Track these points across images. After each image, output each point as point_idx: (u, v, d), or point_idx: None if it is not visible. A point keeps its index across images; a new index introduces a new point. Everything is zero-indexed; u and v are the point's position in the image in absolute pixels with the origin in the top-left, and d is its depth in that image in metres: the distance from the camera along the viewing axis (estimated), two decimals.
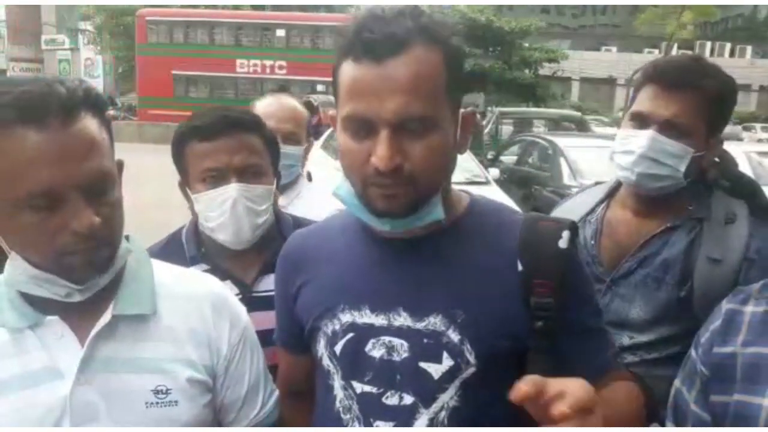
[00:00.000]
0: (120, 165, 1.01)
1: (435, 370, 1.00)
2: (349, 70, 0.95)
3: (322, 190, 1.99)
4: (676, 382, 1.07)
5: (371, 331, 1.03)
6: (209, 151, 1.41)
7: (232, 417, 1.13)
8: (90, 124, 0.91)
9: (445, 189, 1.05)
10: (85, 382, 0.95)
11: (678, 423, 1.05)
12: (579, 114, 16.07)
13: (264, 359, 1.19)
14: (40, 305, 0.96)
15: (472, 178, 7.25)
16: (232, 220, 1.43)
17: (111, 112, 20.75)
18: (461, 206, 1.09)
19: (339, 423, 1.06)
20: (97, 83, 28.43)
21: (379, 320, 1.03)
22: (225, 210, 1.42)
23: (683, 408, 1.03)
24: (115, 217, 0.96)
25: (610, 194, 1.64)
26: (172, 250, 1.44)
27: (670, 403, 1.08)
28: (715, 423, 0.96)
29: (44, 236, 0.89)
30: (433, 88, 0.93)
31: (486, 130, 12.89)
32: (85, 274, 0.94)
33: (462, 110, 1.02)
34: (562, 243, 1.01)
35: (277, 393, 1.21)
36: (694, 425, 1.00)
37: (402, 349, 1.01)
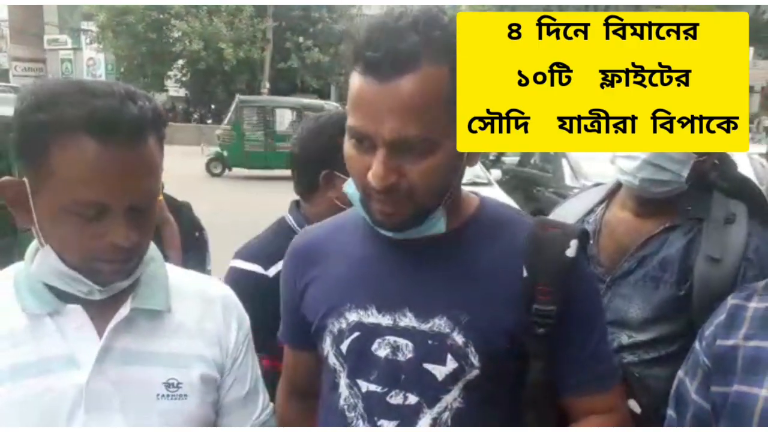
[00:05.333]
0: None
1: (439, 371, 1.00)
2: (355, 80, 0.93)
3: None
4: (680, 373, 1.11)
5: (377, 331, 1.03)
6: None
7: (230, 419, 1.11)
8: (152, 145, 0.93)
9: (454, 196, 1.03)
10: (100, 372, 0.96)
11: (679, 411, 1.09)
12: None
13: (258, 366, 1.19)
14: (61, 294, 0.97)
15: (474, 179, 7.25)
16: None
17: None
18: (470, 208, 1.08)
19: (343, 420, 1.06)
20: None
21: (386, 320, 1.03)
22: None
23: (684, 396, 1.07)
24: (151, 231, 0.99)
25: (610, 195, 1.65)
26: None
27: (673, 391, 1.11)
28: (714, 412, 0.99)
29: (83, 240, 0.91)
30: (436, 108, 0.90)
31: None
32: (112, 279, 0.96)
33: None
34: (570, 252, 1.01)
35: (271, 405, 1.20)
36: (694, 414, 1.04)
37: (407, 349, 1.01)
